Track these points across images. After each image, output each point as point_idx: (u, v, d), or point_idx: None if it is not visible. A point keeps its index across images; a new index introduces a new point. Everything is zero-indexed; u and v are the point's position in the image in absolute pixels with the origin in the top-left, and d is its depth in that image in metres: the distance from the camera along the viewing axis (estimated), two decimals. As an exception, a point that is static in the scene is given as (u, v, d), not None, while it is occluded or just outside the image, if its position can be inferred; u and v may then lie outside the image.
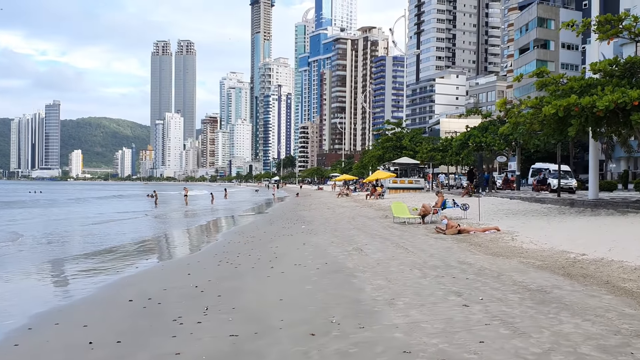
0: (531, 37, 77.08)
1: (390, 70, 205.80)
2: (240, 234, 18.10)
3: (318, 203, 39.39)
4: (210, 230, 22.88)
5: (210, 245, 15.79)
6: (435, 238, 13.94)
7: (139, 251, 15.01)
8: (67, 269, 12.23)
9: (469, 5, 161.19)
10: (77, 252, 15.12)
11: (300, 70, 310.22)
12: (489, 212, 20.59)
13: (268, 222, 23.05)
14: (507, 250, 11.23)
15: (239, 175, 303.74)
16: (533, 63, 77.01)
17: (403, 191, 44.35)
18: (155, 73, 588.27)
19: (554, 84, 18.65)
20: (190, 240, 18.43)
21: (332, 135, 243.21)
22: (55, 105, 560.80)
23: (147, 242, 17.44)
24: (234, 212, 35.10)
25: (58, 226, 23.87)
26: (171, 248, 16.73)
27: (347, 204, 35.60)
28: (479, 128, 32.74)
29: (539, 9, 75.75)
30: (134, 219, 28.55)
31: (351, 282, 8.48)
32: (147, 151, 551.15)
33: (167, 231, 22.40)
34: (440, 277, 8.45)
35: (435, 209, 18.11)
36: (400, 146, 56.52)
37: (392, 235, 15.12)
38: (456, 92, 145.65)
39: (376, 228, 17.49)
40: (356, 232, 16.57)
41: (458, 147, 34.48)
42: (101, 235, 19.85)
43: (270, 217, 26.37)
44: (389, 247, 12.44)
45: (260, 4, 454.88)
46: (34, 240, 17.90)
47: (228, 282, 9.08)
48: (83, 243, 17.56)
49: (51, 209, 39.50)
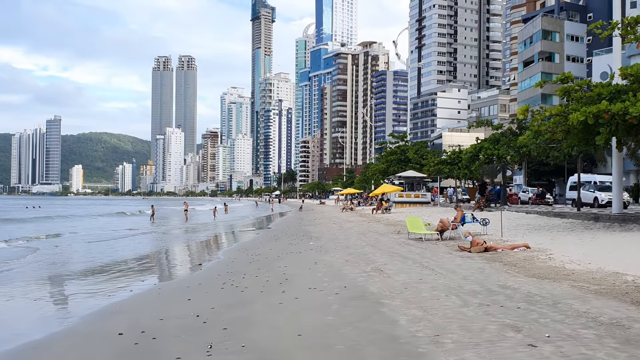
0: (536, 49, 76.31)
1: (391, 85, 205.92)
2: (244, 252, 16.80)
3: (322, 218, 38.10)
4: (212, 246, 21.58)
5: (212, 264, 14.49)
6: (461, 257, 12.64)
7: (134, 271, 13.71)
8: (50, 292, 10.94)
9: (470, 19, 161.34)
10: (66, 271, 13.82)
11: (300, 85, 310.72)
12: (507, 227, 19.29)
13: (273, 238, 21.75)
14: (549, 271, 9.93)
15: (240, 190, 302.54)
16: (538, 76, 76.23)
17: (409, 205, 43.09)
18: (156, 88, 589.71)
19: (579, 90, 17.49)
20: (190, 258, 17.11)
21: (333, 149, 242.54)
22: (56, 120, 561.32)
23: (143, 261, 16.13)
24: (235, 228, 33.79)
25: (46, 243, 22.56)
26: (170, 267, 15.42)
27: (353, 218, 34.30)
28: (490, 140, 31.55)
29: (544, 21, 75.07)
30: (131, 236, 27.24)
31: (380, 311, 7.19)
32: (148, 166, 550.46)
33: (166, 248, 21.10)
34: (486, 306, 7.16)
35: (455, 224, 16.83)
36: (405, 159, 55.37)
37: (411, 253, 13.82)
38: (458, 105, 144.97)
39: (391, 245, 16.20)
40: (370, 249, 15.27)
41: (468, 159, 33.27)
42: (94, 252, 18.55)
43: (275, 233, 25.07)
44: (412, 268, 11.15)
45: (261, 20, 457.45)
46: (17, 256, 16.60)
47: (234, 311, 7.79)
48: (73, 261, 16.24)
49: (45, 224, 38.15)
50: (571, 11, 78.01)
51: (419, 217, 18.61)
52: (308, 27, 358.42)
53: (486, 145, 30.67)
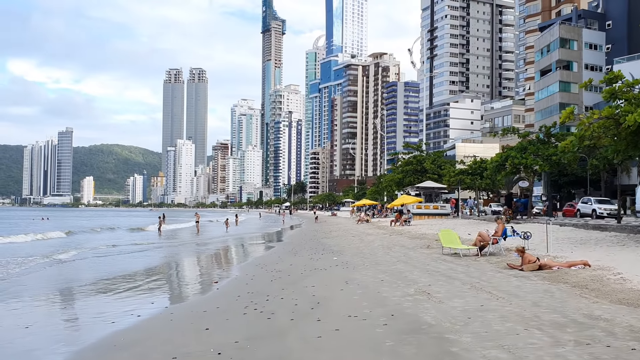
0: (553, 58, 74.69)
1: (402, 96, 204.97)
2: (263, 267, 15.32)
3: (338, 230, 36.53)
4: (227, 261, 20.11)
5: (229, 281, 13.00)
6: (515, 276, 11.05)
7: (142, 290, 12.24)
8: (45, 315, 9.49)
9: (482, 30, 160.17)
10: (66, 289, 12.41)
11: (311, 97, 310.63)
12: (545, 241, 17.63)
13: (291, 252, 20.25)
14: (635, 295, 8.34)
15: (250, 202, 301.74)
16: (556, 85, 74.70)
17: (428, 217, 41.42)
18: (167, 100, 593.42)
19: (630, 91, 15.92)
20: (204, 275, 15.61)
21: (343, 160, 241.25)
22: (67, 132, 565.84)
23: (153, 277, 14.68)
24: (249, 240, 32.34)
25: (48, 256, 21.21)
26: (183, 285, 13.90)
27: (371, 230, 32.71)
28: (517, 149, 29.91)
29: (561, 29, 73.51)
30: (138, 251, 25.88)
31: (451, 352, 5.66)
32: (159, 177, 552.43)
33: (178, 263, 19.67)
34: (585, 346, 5.61)
35: (495, 238, 15.23)
36: (421, 170, 53.73)
37: (454, 271, 12.25)
38: (471, 116, 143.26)
39: (426, 261, 14.64)
40: (404, 266, 13.72)
41: (494, 169, 31.63)
42: (99, 268, 17.15)
43: (292, 246, 23.55)
44: (463, 290, 9.59)
45: (271, 32, 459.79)
46: (8, 269, 15.22)
47: (263, 346, 6.31)
48: (75, 278, 14.82)
49: (49, 232, 36.89)
50: (589, 19, 76.41)
51: (452, 230, 17.01)
52: (318, 39, 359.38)
53: (513, 154, 29.04)
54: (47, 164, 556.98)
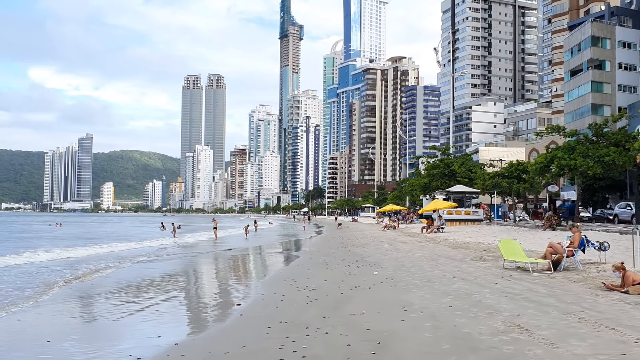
0: (584, 57, 71.40)
1: (422, 100, 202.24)
2: (291, 283, 12.99)
3: (365, 237, 34.09)
4: (249, 274, 17.82)
5: (254, 303, 10.68)
6: (628, 302, 8.54)
7: (148, 314, 9.97)
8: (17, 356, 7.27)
9: (505, 32, 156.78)
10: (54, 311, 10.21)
11: (328, 102, 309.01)
12: (622, 251, 15.04)
13: (321, 264, 17.90)
14: None
15: (267, 207, 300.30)
16: (588, 85, 71.37)
17: (459, 223, 38.78)
18: (186, 106, 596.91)
19: None
20: (224, 293, 13.29)
21: (362, 165, 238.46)
22: (88, 138, 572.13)
23: (162, 296, 12.35)
24: (270, 248, 30.11)
25: (46, 266, 19.16)
26: (197, 308, 11.48)
27: (403, 238, 30.20)
28: (564, 149, 27.18)
29: (593, 27, 70.24)
30: (150, 261, 23.80)
31: None
32: (177, 183, 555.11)
33: (193, 277, 17.47)
34: None
35: (571, 249, 12.69)
36: (449, 173, 51.02)
37: (537, 293, 9.75)
38: (494, 119, 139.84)
39: (488, 277, 12.17)
40: (467, 285, 11.26)
41: (538, 171, 28.89)
42: (99, 283, 15.00)
43: (320, 256, 21.18)
44: (571, 325, 7.13)
45: (289, 38, 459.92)
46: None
47: None
48: (64, 297, 12.65)
49: (55, 240, 35.09)
50: (623, 16, 73.05)
51: (514, 240, 14.49)
52: (336, 44, 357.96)
53: (560, 154, 26.36)
54: (68, 169, 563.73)
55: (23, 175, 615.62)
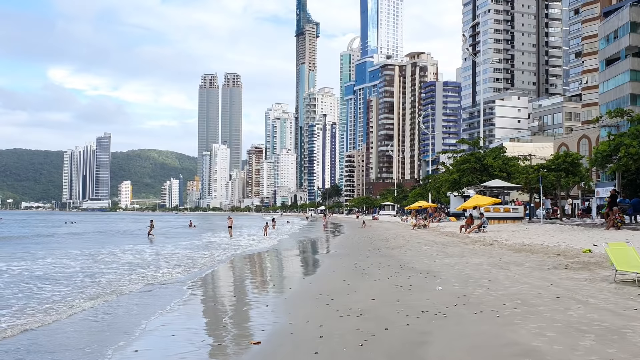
0: (622, 44, 66.91)
1: (441, 96, 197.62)
2: (328, 303, 9.67)
3: (396, 237, 30.67)
4: (270, 287, 14.52)
5: (280, 339, 7.41)
6: None
7: (142, 353, 6.76)
8: None
9: (528, 24, 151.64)
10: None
11: (345, 99, 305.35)
12: None
13: (358, 272, 14.57)
14: None
15: (284, 205, 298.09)
16: (626, 74, 66.88)
17: (498, 222, 35.11)
18: (202, 105, 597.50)
19: None
20: (237, 320, 10.06)
21: (379, 163, 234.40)
22: (106, 137, 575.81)
23: (150, 328, 9.18)
24: (292, 250, 26.90)
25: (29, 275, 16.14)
26: (201, 349, 8.33)
27: (442, 239, 26.71)
28: (631, 135, 23.48)
29: (632, 11, 65.69)
30: (154, 263, 20.74)
31: None
32: (194, 182, 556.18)
33: (204, 289, 14.29)
34: None
35: None
36: (480, 168, 47.33)
37: None
38: (518, 114, 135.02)
39: (607, 297, 8.74)
40: (589, 311, 7.83)
41: (600, 161, 25.12)
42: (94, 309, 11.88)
43: (353, 261, 17.84)
44: None
45: (305, 36, 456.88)
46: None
47: None
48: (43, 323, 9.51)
49: (55, 244, 32.34)
50: (663, 0, 68.36)
51: (627, 244, 10.99)
52: (353, 41, 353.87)
53: (627, 141, 22.69)
54: (86, 168, 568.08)
55: (42, 174, 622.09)
